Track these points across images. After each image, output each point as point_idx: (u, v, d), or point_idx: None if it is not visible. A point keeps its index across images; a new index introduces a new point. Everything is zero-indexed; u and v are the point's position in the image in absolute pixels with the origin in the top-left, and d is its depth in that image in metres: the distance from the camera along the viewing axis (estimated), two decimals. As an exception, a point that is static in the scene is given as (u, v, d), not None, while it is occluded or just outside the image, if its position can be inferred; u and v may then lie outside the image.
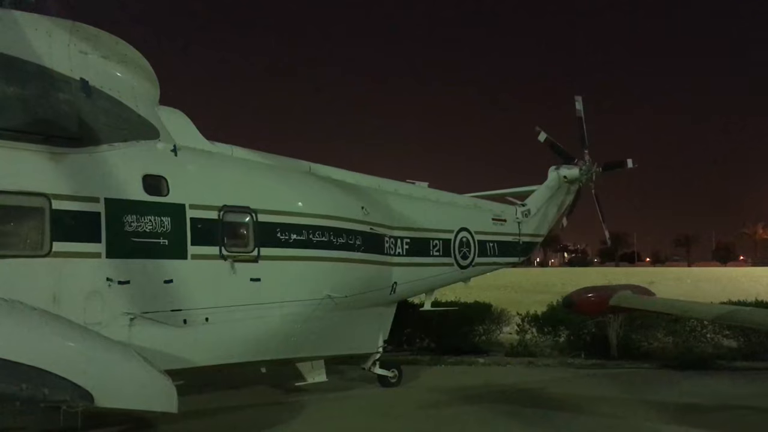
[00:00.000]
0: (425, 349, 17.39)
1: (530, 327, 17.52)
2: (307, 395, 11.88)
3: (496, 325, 18.00)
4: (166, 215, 9.17)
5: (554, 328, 17.23)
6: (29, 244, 8.17)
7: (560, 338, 17.15)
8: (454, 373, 14.88)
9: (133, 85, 9.52)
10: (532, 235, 17.04)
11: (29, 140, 8.22)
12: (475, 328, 17.63)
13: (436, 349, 17.15)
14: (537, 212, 17.06)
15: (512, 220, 16.36)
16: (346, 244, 11.37)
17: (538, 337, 17.38)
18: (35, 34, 8.62)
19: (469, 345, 17.19)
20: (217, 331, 9.51)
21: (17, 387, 6.57)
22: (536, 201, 17.21)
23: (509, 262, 16.51)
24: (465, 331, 17.33)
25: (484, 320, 17.87)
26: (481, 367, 15.73)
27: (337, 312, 11.14)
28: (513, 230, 16.33)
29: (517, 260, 16.84)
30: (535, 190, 17.54)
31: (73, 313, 7.93)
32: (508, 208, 16.61)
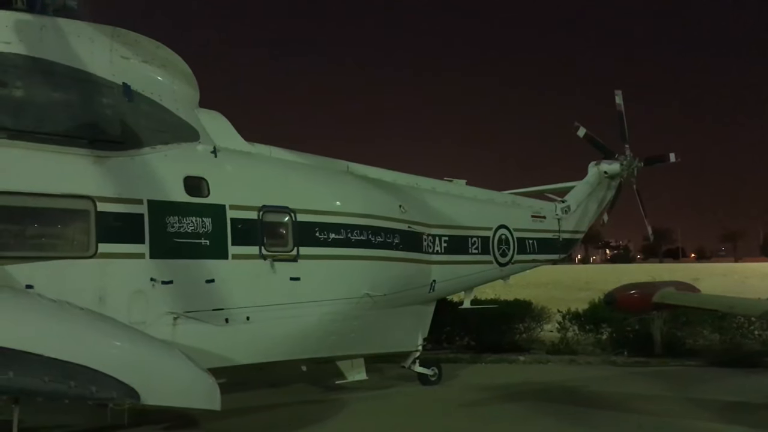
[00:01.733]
0: (465, 347, 17.35)
1: (571, 324, 17.37)
2: (347, 393, 11.94)
3: (536, 322, 17.87)
4: (207, 216, 9.31)
5: (596, 325, 17.04)
6: (76, 246, 8.38)
7: (602, 336, 16.95)
8: (495, 371, 14.80)
9: (173, 88, 9.69)
10: (572, 231, 16.84)
11: (74, 144, 8.44)
12: (515, 326, 17.53)
13: (475, 347, 17.10)
14: (577, 208, 16.85)
15: (552, 217, 16.20)
16: (384, 243, 11.39)
17: (579, 335, 17.22)
18: (78, 41, 8.84)
19: (509, 343, 17.09)
20: (258, 329, 9.61)
21: (66, 385, 6.74)
22: (576, 197, 17.00)
23: (549, 260, 16.35)
24: (505, 329, 17.24)
25: (525, 318, 17.76)
26: (521, 365, 15.61)
27: (376, 310, 11.18)
28: (552, 227, 16.16)
29: (557, 257, 16.67)
30: (575, 186, 17.33)
31: (118, 313, 8.11)
32: (548, 205, 16.45)
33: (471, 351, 16.94)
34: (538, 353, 16.75)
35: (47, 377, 6.63)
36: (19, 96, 8.18)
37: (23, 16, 8.54)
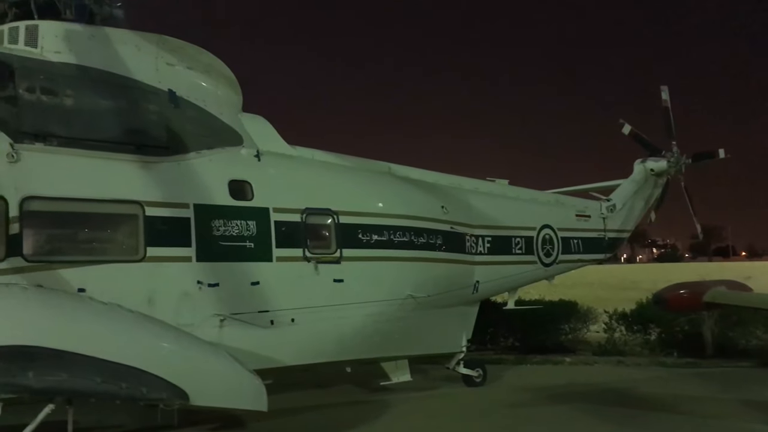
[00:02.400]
0: (509, 348, 17.20)
1: (619, 325, 17.10)
2: (391, 394, 11.95)
3: (582, 323, 17.63)
4: (251, 219, 9.43)
5: (644, 326, 16.74)
6: (125, 250, 8.58)
7: (651, 336, 16.64)
8: (540, 373, 14.63)
9: (217, 93, 9.85)
10: (618, 230, 16.57)
11: (123, 150, 8.63)
12: (561, 327, 17.32)
13: (520, 348, 16.94)
14: (623, 207, 16.57)
15: (597, 216, 15.96)
16: (426, 244, 11.38)
17: (627, 336, 16.93)
18: (125, 49, 9.05)
19: (554, 344, 16.89)
20: (303, 331, 9.69)
21: (118, 386, 6.91)
22: (622, 195, 16.71)
23: (594, 259, 16.12)
24: (550, 329, 17.04)
25: (570, 318, 17.53)
26: (567, 366, 15.41)
27: (420, 311, 11.16)
28: (598, 226, 15.93)
29: (603, 257, 16.42)
30: (620, 185, 17.04)
31: (166, 315, 8.26)
32: (593, 204, 16.21)
33: (515, 352, 16.78)
34: (584, 354, 16.51)
35: (100, 379, 6.80)
36: (69, 104, 8.40)
37: (72, 27, 8.79)
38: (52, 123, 8.19)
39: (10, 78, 8.07)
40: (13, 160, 7.76)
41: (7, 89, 8.01)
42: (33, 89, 8.16)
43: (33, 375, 6.57)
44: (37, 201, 7.84)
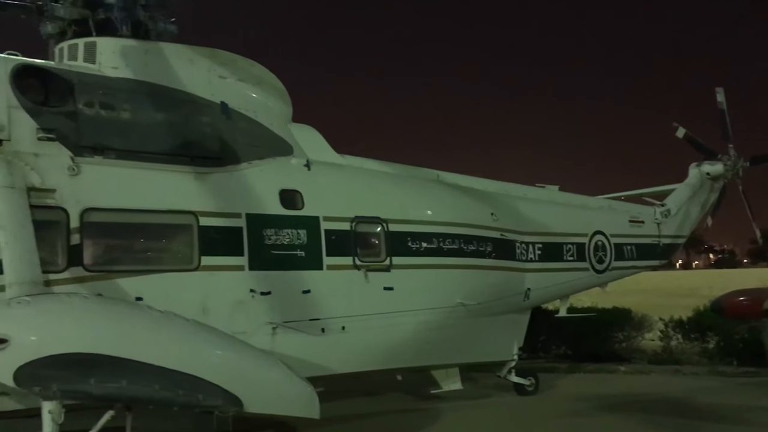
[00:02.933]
0: (562, 357, 16.97)
1: (675, 333, 16.71)
2: (442, 403, 11.90)
3: (636, 331, 17.28)
4: (302, 228, 9.53)
5: (702, 334, 16.31)
6: (180, 259, 8.77)
7: (709, 345, 16.20)
8: (594, 382, 14.38)
9: (267, 105, 10.01)
10: (673, 236, 16.18)
11: (177, 162, 8.84)
12: (615, 335, 17.01)
13: (573, 357, 16.69)
14: (678, 212, 16.19)
15: (651, 221, 15.63)
16: (476, 251, 11.32)
17: (684, 344, 16.54)
18: (179, 63, 9.27)
19: (608, 352, 16.59)
20: (353, 339, 9.73)
21: (175, 393, 7.05)
22: (677, 200, 16.33)
23: (649, 266, 15.80)
24: (603, 337, 16.76)
25: (624, 326, 17.21)
26: (622, 375, 15.11)
27: (470, 319, 11.10)
28: (652, 232, 15.59)
29: (658, 263, 16.08)
30: (675, 189, 16.66)
31: (220, 323, 8.38)
32: (646, 209, 15.89)
33: (568, 360, 16.54)
34: (639, 363, 16.17)
35: (157, 385, 6.96)
36: (126, 118, 8.65)
37: (128, 42, 9.05)
38: (110, 137, 8.44)
39: (70, 94, 8.35)
40: (74, 173, 8.03)
41: (67, 104, 8.30)
42: (92, 104, 8.43)
43: (94, 382, 6.77)
44: (97, 212, 8.09)
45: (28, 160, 7.78)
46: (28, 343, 6.61)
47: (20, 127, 7.89)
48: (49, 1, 9.07)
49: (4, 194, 7.33)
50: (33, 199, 7.60)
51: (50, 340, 6.70)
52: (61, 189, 7.88)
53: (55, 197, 7.84)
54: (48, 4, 9.03)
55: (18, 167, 7.63)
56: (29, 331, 6.68)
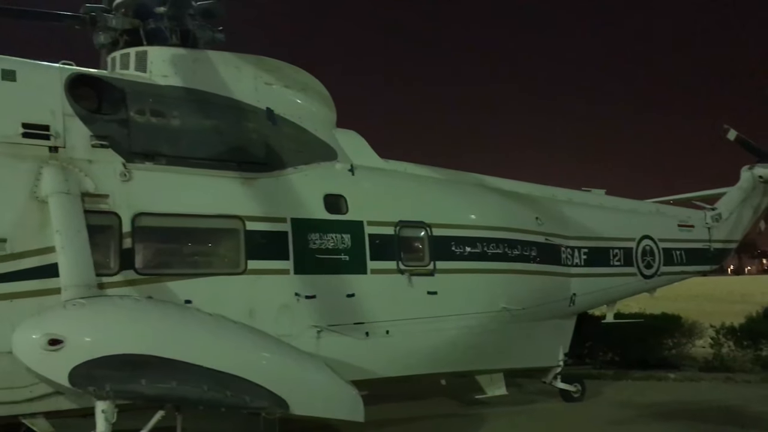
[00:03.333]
0: (609, 363, 16.69)
1: (726, 340, 16.28)
2: (486, 408, 11.84)
3: (686, 338, 16.93)
4: (346, 232, 9.61)
5: (755, 341, 15.87)
6: (227, 263, 8.92)
7: (762, 352, 15.75)
8: (642, 389, 14.11)
9: (312, 110, 10.13)
10: (724, 241, 15.80)
11: (224, 168, 8.99)
12: (664, 342, 16.68)
13: (620, 363, 16.41)
14: (729, 216, 15.80)
15: (701, 226, 15.29)
16: (521, 256, 11.24)
17: (735, 351, 16.10)
18: (226, 71, 9.44)
19: (656, 359, 16.26)
20: (397, 343, 9.76)
21: (223, 394, 7.20)
22: (728, 204, 15.95)
23: (699, 271, 15.46)
24: (652, 344, 16.44)
25: (673, 333, 16.86)
26: (671, 382, 14.80)
27: (515, 324, 11.02)
28: (702, 236, 15.25)
29: (708, 268, 15.72)
30: (726, 193, 16.27)
31: (266, 326, 8.49)
32: (696, 213, 15.55)
33: (615, 367, 16.26)
34: (689, 370, 15.81)
35: (206, 386, 7.11)
36: (175, 125, 8.84)
37: (178, 51, 9.25)
38: (160, 143, 8.64)
39: (123, 102, 8.57)
40: (126, 179, 8.24)
41: (119, 112, 8.52)
42: (143, 112, 8.64)
43: (146, 382, 6.95)
44: (147, 217, 8.28)
45: (83, 167, 8.02)
46: (82, 344, 6.83)
47: (75, 134, 8.13)
48: (102, 12, 9.33)
49: (60, 200, 7.57)
50: (87, 204, 7.82)
51: (104, 341, 6.91)
52: (113, 194, 8.10)
53: (108, 202, 8.05)
54: (101, 14, 9.28)
55: (73, 173, 7.87)
56: (84, 332, 6.91)
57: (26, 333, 6.84)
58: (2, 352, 7.08)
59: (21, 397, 7.35)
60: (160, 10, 9.18)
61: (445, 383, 11.25)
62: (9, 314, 7.18)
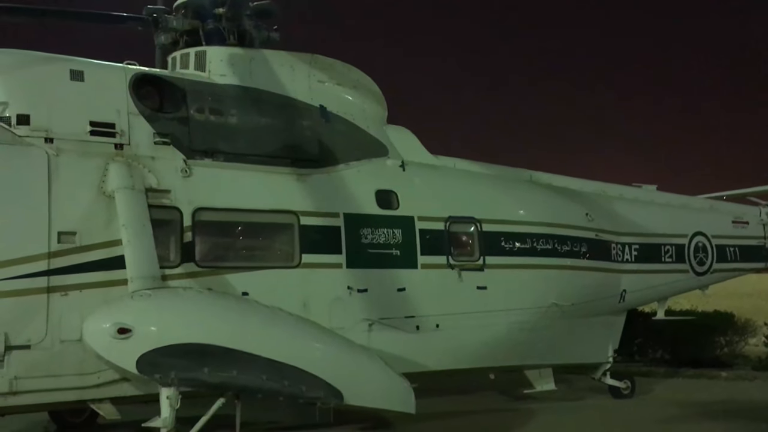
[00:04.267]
0: (659, 361, 16.48)
1: (782, 339, 15.92)
2: (535, 403, 11.87)
3: (740, 336, 16.59)
4: (397, 227, 9.78)
5: (811, 340, 15.49)
6: (283, 257, 9.18)
7: (819, 352, 15.36)
8: (693, 387, 13.91)
9: (364, 107, 10.31)
10: (780, 238, 15.44)
11: (280, 164, 9.26)
12: (716, 340, 16.38)
13: (671, 361, 16.18)
14: (786, 212, 15.43)
15: (756, 222, 14.97)
16: (570, 252, 11.25)
17: (791, 350, 15.73)
18: (281, 69, 9.69)
19: (708, 357, 15.98)
20: (447, 337, 9.90)
21: (281, 384, 7.47)
22: (785, 200, 15.57)
23: (753, 268, 15.15)
24: (703, 342, 16.16)
25: (726, 331, 16.54)
26: (723, 381, 14.54)
27: (564, 320, 11.04)
28: (757, 233, 14.93)
29: (763, 266, 15.35)
30: (783, 188, 15.87)
31: (320, 319, 8.75)
32: (751, 209, 15.22)
33: (665, 365, 16.04)
34: (742, 369, 15.48)
35: (265, 376, 7.38)
36: (233, 123, 9.13)
37: (235, 51, 9.52)
38: (218, 140, 8.94)
39: (183, 100, 8.88)
40: (186, 175, 8.55)
41: (180, 110, 8.83)
42: (202, 110, 8.94)
43: (208, 370, 7.25)
44: (207, 212, 8.58)
45: (146, 163, 8.36)
46: (149, 333, 7.16)
47: (138, 132, 8.47)
48: (164, 14, 9.66)
49: (126, 195, 7.91)
50: (150, 199, 8.16)
51: (169, 331, 7.23)
52: (175, 190, 8.41)
53: (170, 197, 8.38)
54: (162, 16, 9.61)
55: (137, 170, 8.21)
56: (150, 322, 7.24)
57: (97, 322, 7.21)
58: (72, 339, 7.49)
59: (90, 383, 7.72)
60: (219, 11, 9.45)
61: (494, 377, 11.32)
62: (79, 304, 7.57)
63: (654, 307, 14.34)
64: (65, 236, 7.69)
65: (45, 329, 7.45)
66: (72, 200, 7.84)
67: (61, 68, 8.30)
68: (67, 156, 7.95)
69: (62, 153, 7.93)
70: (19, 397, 7.43)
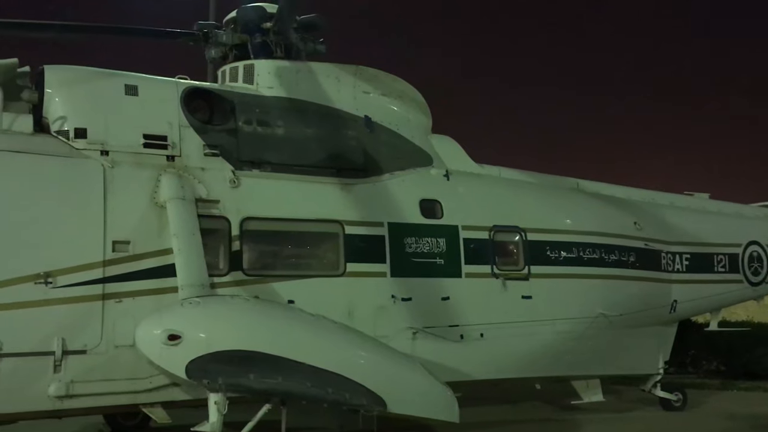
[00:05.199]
0: (713, 373, 16.13)
1: (844, 352, 15.35)
2: (582, 414, 11.72)
3: (799, 348, 16.04)
4: (441, 236, 9.81)
5: None
6: (328, 265, 9.31)
7: None
8: (748, 400, 13.57)
9: (408, 117, 10.39)
10: (841, 246, 14.88)
11: (325, 174, 9.40)
12: (772, 351, 15.90)
13: (725, 373, 15.82)
14: None
15: (815, 231, 14.47)
16: (618, 261, 11.11)
17: None
18: (327, 81, 9.85)
19: (764, 369, 15.55)
20: (492, 346, 9.87)
21: (325, 391, 7.58)
22: None
23: (812, 278, 14.61)
24: (761, 353, 15.72)
25: (785, 342, 16.04)
26: (780, 394, 14.12)
27: (613, 330, 10.89)
28: None
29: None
30: (844, 195, 15.32)
31: (364, 327, 8.83)
32: (810, 218, 14.73)
33: (720, 377, 15.69)
34: (800, 382, 15.02)
35: (309, 383, 7.50)
36: (280, 134, 9.31)
37: (282, 63, 9.72)
38: (266, 151, 9.13)
39: (232, 112, 9.10)
40: (235, 185, 8.76)
41: (229, 123, 9.06)
42: (250, 122, 9.15)
43: (254, 377, 7.42)
44: (254, 221, 8.77)
45: (196, 174, 8.59)
46: (198, 339, 7.36)
47: (189, 144, 8.72)
48: (214, 29, 9.95)
49: (177, 205, 8.15)
50: (200, 209, 8.37)
51: (217, 338, 7.42)
52: (223, 200, 8.63)
53: (219, 207, 8.59)
54: (213, 31, 9.89)
55: (188, 180, 8.45)
56: (199, 329, 7.44)
57: (148, 328, 7.44)
58: (125, 345, 7.75)
59: (142, 387, 7.97)
60: (267, 25, 9.67)
61: (540, 387, 11.23)
62: (132, 310, 7.83)
63: (708, 317, 14.00)
64: (119, 245, 7.97)
65: (100, 335, 7.74)
66: (126, 210, 8.11)
67: (117, 83, 8.62)
68: (121, 168, 8.24)
69: (117, 165, 8.23)
70: (76, 400, 7.71)
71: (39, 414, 7.80)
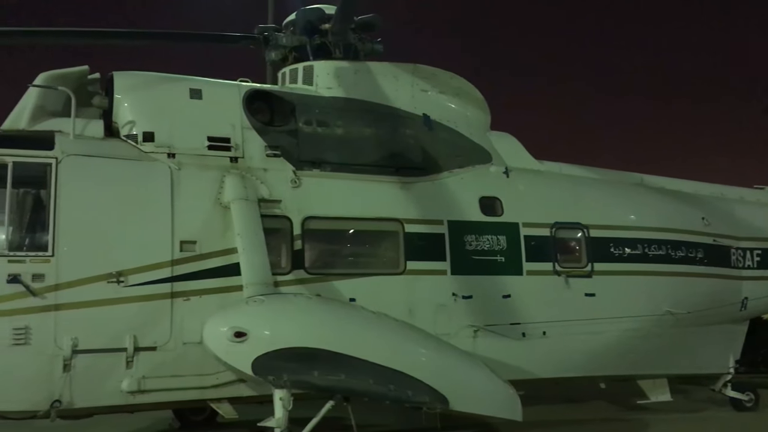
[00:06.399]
0: (787, 372, 15.47)
1: None
2: (650, 414, 11.45)
3: None
4: (501, 234, 9.75)
5: None
6: (388, 264, 9.36)
7: None
8: (826, 402, 12.97)
9: (466, 114, 10.36)
10: None
11: (384, 173, 9.46)
12: None
13: (801, 373, 15.16)
14: None
15: None
16: (685, 258, 10.83)
17: None
18: (385, 80, 9.92)
19: None
20: (554, 344, 9.76)
21: (387, 388, 7.64)
22: None
23: None
24: (837, 353, 15.03)
25: None
26: None
27: (680, 328, 10.63)
28: None
29: None
30: None
31: (425, 325, 8.87)
32: None
33: (794, 377, 15.05)
34: None
35: (371, 380, 7.57)
36: (339, 134, 9.43)
37: (341, 64, 9.84)
38: (326, 151, 9.26)
39: (292, 113, 9.27)
40: (296, 185, 8.92)
41: (289, 123, 9.23)
42: (310, 123, 9.29)
43: (317, 374, 7.53)
44: (315, 220, 8.91)
45: (259, 175, 8.78)
46: (263, 336, 7.52)
47: (252, 145, 8.92)
48: (274, 32, 10.13)
49: (241, 205, 8.35)
50: (263, 209, 8.57)
51: (281, 335, 7.58)
52: (285, 200, 8.79)
53: (281, 207, 8.76)
54: (273, 34, 10.09)
55: (250, 181, 8.65)
56: (264, 326, 7.61)
57: (215, 326, 7.64)
58: (193, 342, 7.98)
59: (209, 383, 8.19)
60: (325, 26, 9.81)
61: (605, 386, 11.03)
62: (199, 308, 8.06)
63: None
64: (186, 245, 8.21)
65: (169, 332, 7.99)
66: (192, 211, 8.36)
67: (182, 88, 8.88)
68: (187, 170, 8.49)
69: (183, 167, 8.48)
70: (146, 396, 7.99)
71: (113, 408, 8.12)
